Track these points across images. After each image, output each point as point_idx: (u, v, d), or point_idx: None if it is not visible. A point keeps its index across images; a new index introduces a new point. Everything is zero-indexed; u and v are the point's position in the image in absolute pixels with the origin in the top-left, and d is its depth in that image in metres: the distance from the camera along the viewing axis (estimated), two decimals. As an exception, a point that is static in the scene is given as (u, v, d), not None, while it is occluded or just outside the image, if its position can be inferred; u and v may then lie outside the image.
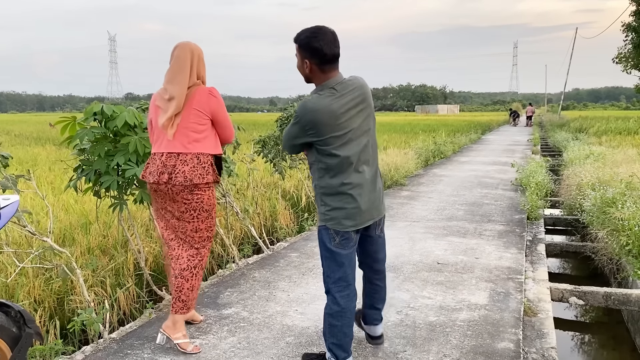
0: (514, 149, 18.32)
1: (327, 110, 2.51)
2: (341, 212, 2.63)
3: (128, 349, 3.18)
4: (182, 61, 3.11)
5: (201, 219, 3.19)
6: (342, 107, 2.55)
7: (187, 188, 3.08)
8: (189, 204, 3.13)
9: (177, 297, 3.16)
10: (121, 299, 4.44)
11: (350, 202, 2.62)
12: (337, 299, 2.70)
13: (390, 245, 5.46)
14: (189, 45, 3.17)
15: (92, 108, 3.82)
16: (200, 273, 3.26)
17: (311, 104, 2.53)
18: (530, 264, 5.14)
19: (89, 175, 3.87)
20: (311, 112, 2.52)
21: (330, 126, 2.52)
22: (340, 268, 2.70)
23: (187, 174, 3.06)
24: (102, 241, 5.48)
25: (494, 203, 8.01)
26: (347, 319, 2.71)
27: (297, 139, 2.63)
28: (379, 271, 3.02)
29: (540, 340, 3.46)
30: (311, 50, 2.54)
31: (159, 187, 3.11)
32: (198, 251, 3.23)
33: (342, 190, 2.61)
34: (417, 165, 12.43)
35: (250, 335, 3.34)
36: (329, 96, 2.55)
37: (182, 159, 3.08)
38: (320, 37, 2.53)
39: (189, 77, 3.10)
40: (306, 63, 2.58)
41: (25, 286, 4.15)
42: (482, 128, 31.35)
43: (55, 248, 3.65)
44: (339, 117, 2.54)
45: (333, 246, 2.68)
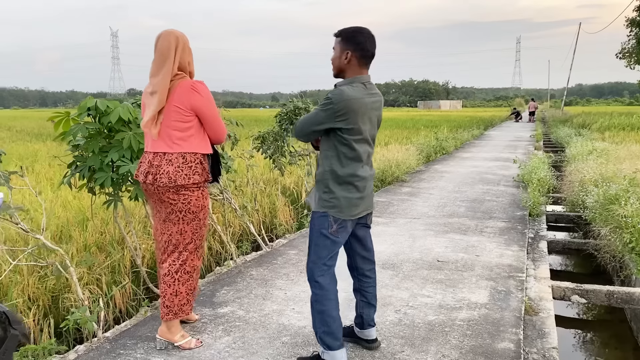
0: (516, 144, 18.22)
1: (361, 102, 2.67)
2: (345, 201, 2.74)
3: (121, 348, 3.12)
4: (165, 51, 2.93)
5: (187, 220, 3.05)
6: (370, 104, 2.73)
7: (172, 188, 2.96)
8: (174, 205, 3.00)
9: (162, 304, 3.08)
10: (117, 296, 4.39)
11: (355, 193, 2.76)
12: (320, 282, 2.79)
13: (390, 243, 5.42)
14: (172, 33, 2.98)
15: (85, 103, 3.75)
16: (185, 277, 3.11)
17: (348, 91, 2.65)
18: (532, 261, 5.07)
19: (83, 171, 3.82)
20: (348, 100, 2.63)
21: (360, 116, 2.67)
22: (328, 255, 2.79)
23: (171, 175, 2.93)
24: (99, 238, 5.43)
25: (495, 199, 7.94)
26: (332, 302, 2.79)
27: (322, 125, 2.70)
28: (371, 261, 3.05)
29: (541, 340, 3.39)
30: (355, 43, 2.70)
31: (147, 187, 3.03)
32: (180, 255, 3.08)
33: (351, 181, 2.74)
34: (418, 161, 12.35)
35: (245, 335, 3.28)
36: (362, 90, 2.70)
37: (168, 159, 2.96)
38: (365, 34, 2.72)
39: (172, 69, 2.92)
40: (347, 54, 2.71)
41: (19, 284, 4.10)
42: (485, 124, 31.22)
43: (49, 245, 3.60)
44: (367, 111, 2.71)
45: (329, 233, 2.76)
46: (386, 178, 9.56)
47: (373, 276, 3.08)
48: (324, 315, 2.78)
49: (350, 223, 2.81)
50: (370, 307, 3.07)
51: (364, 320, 3.08)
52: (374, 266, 3.09)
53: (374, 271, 3.09)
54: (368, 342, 3.10)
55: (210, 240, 5.79)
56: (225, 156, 4.97)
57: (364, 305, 3.06)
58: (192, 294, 3.20)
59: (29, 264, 4.05)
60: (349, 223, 2.80)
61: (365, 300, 3.06)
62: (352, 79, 2.73)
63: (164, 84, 2.91)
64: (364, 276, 3.05)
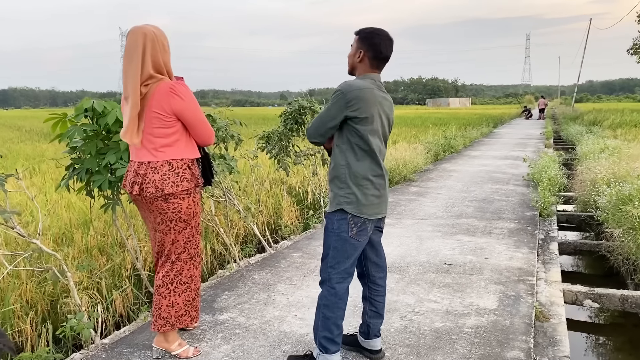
0: (526, 142, 17.99)
1: (371, 93, 2.63)
2: (363, 198, 2.66)
3: (116, 357, 3.03)
4: (132, 50, 2.70)
5: (178, 229, 2.90)
6: (381, 99, 2.70)
7: (160, 198, 2.80)
8: (164, 214, 2.85)
9: (157, 315, 2.94)
10: (118, 301, 4.30)
11: (372, 190, 2.69)
12: (337, 289, 2.71)
13: (397, 245, 5.30)
14: (141, 29, 2.72)
15: (82, 104, 3.67)
16: (182, 288, 2.99)
17: (356, 82, 2.64)
18: (543, 264, 4.93)
19: (81, 174, 3.73)
20: (357, 90, 2.60)
21: (371, 105, 2.62)
22: (348, 260, 2.70)
23: (157, 184, 2.77)
24: (100, 240, 5.35)
25: (505, 199, 7.78)
26: (341, 311, 2.73)
27: (335, 119, 2.63)
28: (382, 268, 2.97)
29: (552, 348, 3.26)
30: (370, 44, 2.69)
31: (135, 197, 2.89)
32: (173, 265, 2.95)
33: (367, 176, 2.67)
34: (426, 160, 12.20)
35: (245, 343, 3.17)
36: (371, 84, 2.67)
37: (153, 167, 2.79)
38: (382, 36, 2.71)
39: (140, 70, 2.69)
40: (360, 53, 2.71)
41: (17, 288, 4.02)
42: (494, 121, 30.94)
43: (45, 250, 3.50)
44: (378, 104, 2.66)
45: (350, 235, 2.67)
46: (393, 177, 9.42)
47: (384, 285, 2.99)
48: (329, 322, 2.71)
49: (370, 225, 2.72)
50: (378, 317, 2.97)
51: (370, 330, 2.96)
52: (385, 274, 3.00)
53: (385, 279, 3.00)
54: (372, 353, 2.98)
55: (214, 242, 5.70)
56: (228, 157, 4.87)
57: (373, 314, 2.96)
58: (191, 305, 3.07)
59: (27, 269, 3.97)
60: (369, 225, 2.71)
61: (374, 309, 2.96)
62: (363, 76, 2.72)
63: (134, 86, 2.70)
64: (375, 284, 2.95)
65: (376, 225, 2.83)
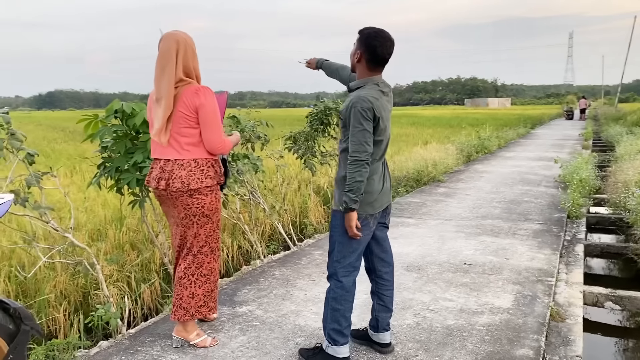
0: (563, 143, 17.64)
1: (381, 103, 2.72)
2: (367, 196, 2.74)
3: (139, 345, 3.21)
4: (166, 55, 2.89)
5: (200, 224, 3.07)
6: (386, 103, 2.79)
7: (185, 193, 2.97)
8: (189, 209, 3.01)
9: (178, 305, 3.10)
10: (146, 294, 4.50)
11: (375, 188, 2.79)
12: (344, 282, 2.82)
13: (418, 244, 5.35)
14: (174, 35, 2.93)
15: (112, 106, 3.87)
16: (202, 280, 3.14)
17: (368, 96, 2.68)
18: (565, 265, 4.90)
19: (111, 172, 3.94)
20: (366, 102, 2.65)
21: (383, 116, 2.72)
22: (353, 254, 2.81)
23: (184, 179, 2.94)
24: (132, 236, 5.59)
25: (534, 201, 7.71)
26: (349, 304, 2.84)
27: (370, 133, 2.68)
28: (388, 263, 3.05)
29: (565, 347, 3.28)
30: (366, 46, 2.73)
31: (160, 193, 3.05)
32: (195, 258, 3.11)
33: (372, 177, 2.76)
34: (458, 161, 12.14)
35: (260, 335, 3.31)
36: (377, 92, 2.74)
37: (179, 164, 2.96)
38: (381, 38, 2.73)
39: (175, 74, 2.89)
40: (358, 54, 2.77)
41: (52, 280, 4.26)
42: (533, 122, 30.39)
43: (76, 244, 3.73)
44: (386, 111, 2.77)
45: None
46: (422, 178, 9.43)
47: (391, 279, 3.07)
48: (337, 314, 2.82)
49: (372, 220, 2.82)
50: (386, 311, 3.05)
51: (378, 324, 3.05)
52: (391, 269, 3.08)
53: (392, 274, 3.08)
54: (381, 346, 3.07)
55: (241, 239, 5.87)
56: (252, 157, 5.03)
57: (381, 308, 3.04)
58: (210, 296, 3.22)
59: (60, 262, 4.21)
60: (371, 220, 2.81)
61: (382, 303, 3.04)
62: (365, 81, 2.78)
63: (168, 89, 2.89)
64: (382, 279, 3.04)
65: (380, 222, 2.93)
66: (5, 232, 5.28)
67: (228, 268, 5.44)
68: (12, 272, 4.25)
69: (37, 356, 3.15)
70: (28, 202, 3.46)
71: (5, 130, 3.42)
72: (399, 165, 10.27)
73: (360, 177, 2.63)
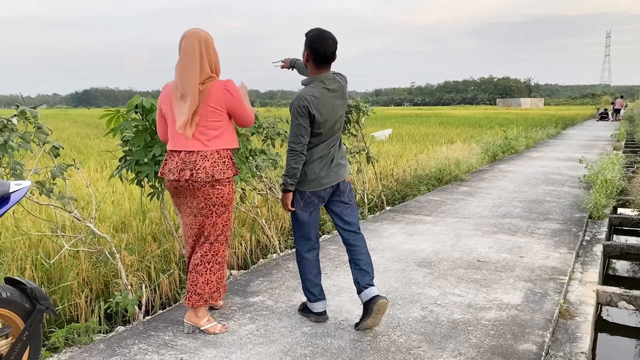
0: (593, 144, 17.30)
1: (314, 100, 3.08)
2: (305, 177, 3.19)
3: (152, 330, 3.35)
4: (190, 53, 3.04)
5: (219, 213, 3.21)
6: (329, 98, 3.14)
7: (208, 183, 3.11)
8: (209, 199, 3.16)
9: (193, 291, 3.23)
10: (165, 283, 4.66)
11: (314, 169, 3.19)
12: (300, 250, 3.40)
13: (433, 241, 5.39)
14: (196, 34, 3.08)
15: (133, 101, 4.03)
16: (216, 267, 3.28)
17: (300, 95, 3.10)
18: (581, 265, 4.87)
19: (131, 165, 4.09)
20: (301, 100, 3.07)
21: (322, 111, 3.09)
22: (302, 228, 3.33)
23: (208, 170, 3.09)
24: (154, 228, 5.77)
25: (556, 200, 7.63)
26: (308, 268, 3.38)
27: (305, 128, 3.11)
28: (352, 231, 3.37)
29: (570, 344, 3.29)
30: (310, 47, 3.09)
31: (179, 184, 3.16)
32: (212, 246, 3.25)
33: (313, 160, 3.17)
34: (482, 160, 12.05)
35: (269, 324, 3.41)
36: (320, 87, 3.12)
37: (202, 155, 3.10)
38: (323, 40, 3.08)
39: (199, 70, 3.05)
40: (305, 55, 3.14)
41: (75, 267, 4.45)
42: (565, 122, 29.83)
43: (97, 233, 3.89)
44: (328, 104, 3.12)
45: (298, 208, 3.27)
46: (443, 177, 9.42)
47: (359, 244, 3.36)
48: (303, 277, 3.41)
49: (315, 197, 3.24)
50: (363, 273, 3.29)
51: (360, 285, 3.27)
52: (358, 236, 3.38)
53: (360, 239, 3.38)
54: (372, 302, 3.18)
55: (259, 233, 5.99)
56: (269, 152, 5.14)
57: (358, 272, 3.30)
58: (221, 283, 3.37)
59: (83, 250, 4.39)
60: (315, 197, 3.24)
61: (358, 267, 3.31)
62: (312, 79, 3.16)
63: (193, 85, 3.03)
64: (351, 245, 3.36)
65: (334, 199, 3.33)
66: (35, 222, 5.52)
67: (246, 261, 5.57)
68: (38, 260, 4.45)
69: (57, 338, 3.31)
70: (53, 192, 3.64)
71: (33, 124, 3.60)
72: (422, 164, 10.27)
73: (295, 164, 3.11)
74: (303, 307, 3.55)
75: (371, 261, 3.35)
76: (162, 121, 3.29)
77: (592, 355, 3.70)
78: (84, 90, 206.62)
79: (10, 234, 5.20)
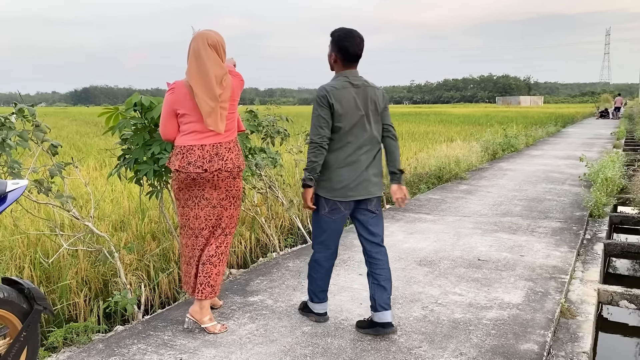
0: (593, 142, 17.28)
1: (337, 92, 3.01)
2: (334, 184, 3.06)
3: (151, 330, 3.33)
4: (219, 49, 3.15)
5: (236, 205, 3.33)
6: (354, 93, 3.04)
7: (231, 174, 3.20)
8: (229, 191, 3.25)
9: (207, 283, 3.24)
10: (164, 282, 4.63)
11: (342, 177, 3.05)
12: (317, 256, 3.26)
13: (433, 240, 5.37)
14: (217, 33, 3.19)
15: (132, 99, 4.00)
16: (225, 258, 3.35)
17: (324, 87, 3.06)
18: (582, 263, 4.86)
19: (130, 163, 4.07)
20: (324, 91, 3.02)
21: (343, 103, 3.00)
22: (323, 234, 3.20)
23: (234, 161, 3.19)
24: (153, 227, 5.75)
25: (556, 199, 7.62)
26: (320, 274, 3.28)
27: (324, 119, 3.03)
28: (377, 244, 3.22)
29: (572, 343, 3.27)
30: (339, 47, 3.05)
31: (202, 176, 3.15)
32: (226, 238, 3.34)
33: (340, 166, 3.04)
34: (482, 159, 12.03)
35: (269, 323, 3.39)
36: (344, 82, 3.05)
37: (226, 147, 3.18)
38: (351, 39, 3.04)
39: (220, 68, 3.13)
40: (332, 56, 3.11)
41: (74, 266, 4.43)
42: (565, 120, 29.81)
43: (96, 232, 3.87)
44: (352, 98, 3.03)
45: (322, 214, 3.14)
46: (443, 175, 9.40)
47: (382, 258, 3.21)
48: (312, 279, 3.33)
49: (343, 206, 3.10)
50: (381, 290, 3.16)
51: (376, 303, 3.16)
52: (381, 249, 3.22)
53: (383, 254, 3.22)
54: (383, 327, 3.15)
55: (259, 232, 5.97)
56: (268, 151, 5.12)
57: (376, 287, 3.18)
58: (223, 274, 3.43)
59: (82, 249, 4.37)
60: (342, 206, 3.10)
61: (376, 282, 3.18)
62: (336, 76, 3.13)
63: (212, 84, 3.08)
64: (373, 258, 3.21)
65: (361, 207, 3.16)
66: (34, 221, 5.49)
67: (245, 260, 5.55)
68: (36, 259, 4.43)
69: (55, 338, 3.29)
70: (51, 191, 3.61)
71: (31, 122, 3.58)
72: (422, 162, 10.25)
73: (315, 158, 2.99)
74: (303, 306, 3.53)
75: (391, 276, 3.23)
76: (174, 121, 3.22)
77: (592, 354, 3.68)
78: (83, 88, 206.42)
79: (9, 232, 5.17)
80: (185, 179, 3.23)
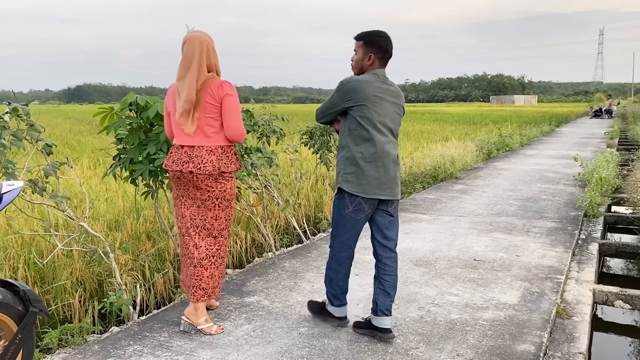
0: (587, 142, 17.36)
1: (369, 85, 3.01)
2: (359, 179, 3.00)
3: (147, 331, 3.31)
4: (190, 57, 3.12)
5: (222, 207, 3.26)
6: (382, 90, 3.05)
7: (212, 176, 3.16)
8: (212, 192, 3.20)
9: (198, 286, 3.23)
10: (159, 283, 4.61)
11: (371, 172, 3.00)
12: (337, 256, 3.22)
13: (429, 240, 5.37)
14: (198, 38, 3.15)
15: (127, 99, 3.98)
16: (219, 262, 3.32)
17: (355, 78, 3.09)
18: (577, 263, 4.87)
19: (125, 163, 4.05)
20: (356, 81, 3.02)
21: (367, 96, 2.99)
22: (345, 233, 3.14)
23: (214, 163, 3.14)
24: (148, 227, 5.72)
25: (551, 199, 7.64)
26: (341, 274, 3.23)
27: (336, 106, 3.09)
28: (389, 249, 3.19)
29: (568, 344, 3.28)
30: (378, 47, 3.08)
31: (182, 175, 3.19)
32: (216, 240, 3.29)
33: (367, 160, 3.00)
34: (477, 158, 12.06)
35: (265, 324, 3.38)
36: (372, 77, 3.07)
37: (208, 149, 3.15)
38: (385, 37, 3.12)
39: (198, 73, 3.10)
40: (370, 57, 3.09)
41: (69, 267, 4.40)
42: (559, 120, 29.92)
43: (90, 232, 3.85)
44: (377, 95, 3.02)
45: (346, 212, 3.08)
46: (438, 175, 9.40)
47: (392, 265, 3.20)
48: (332, 282, 3.26)
49: (367, 204, 3.04)
50: (385, 295, 3.15)
51: (377, 307, 3.14)
52: (393, 255, 3.20)
53: (393, 260, 3.20)
54: (381, 332, 3.13)
55: (255, 232, 5.95)
56: (264, 150, 5.10)
57: (380, 292, 3.16)
58: (221, 278, 3.40)
59: (77, 249, 4.34)
60: (366, 204, 3.04)
61: (381, 287, 3.16)
62: (366, 73, 3.12)
63: (191, 88, 3.09)
64: (382, 263, 3.18)
65: (381, 208, 3.11)
66: (28, 221, 5.45)
67: (241, 260, 5.53)
68: (31, 259, 4.40)
69: (50, 339, 3.26)
70: (45, 191, 3.58)
71: (25, 121, 3.55)
72: (417, 161, 10.26)
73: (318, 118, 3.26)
74: (320, 310, 3.43)
75: (397, 284, 3.22)
76: (168, 119, 3.35)
77: (588, 354, 3.69)
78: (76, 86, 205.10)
79: (2, 232, 5.13)
80: (172, 177, 3.31)
